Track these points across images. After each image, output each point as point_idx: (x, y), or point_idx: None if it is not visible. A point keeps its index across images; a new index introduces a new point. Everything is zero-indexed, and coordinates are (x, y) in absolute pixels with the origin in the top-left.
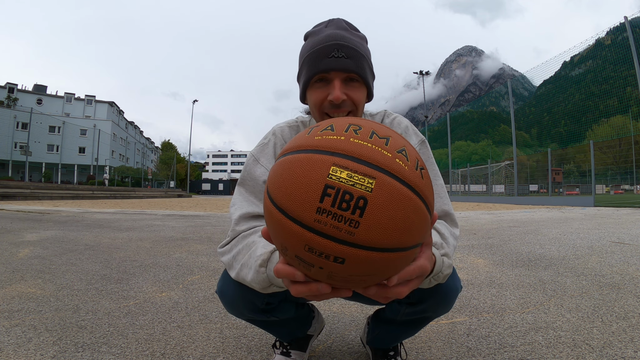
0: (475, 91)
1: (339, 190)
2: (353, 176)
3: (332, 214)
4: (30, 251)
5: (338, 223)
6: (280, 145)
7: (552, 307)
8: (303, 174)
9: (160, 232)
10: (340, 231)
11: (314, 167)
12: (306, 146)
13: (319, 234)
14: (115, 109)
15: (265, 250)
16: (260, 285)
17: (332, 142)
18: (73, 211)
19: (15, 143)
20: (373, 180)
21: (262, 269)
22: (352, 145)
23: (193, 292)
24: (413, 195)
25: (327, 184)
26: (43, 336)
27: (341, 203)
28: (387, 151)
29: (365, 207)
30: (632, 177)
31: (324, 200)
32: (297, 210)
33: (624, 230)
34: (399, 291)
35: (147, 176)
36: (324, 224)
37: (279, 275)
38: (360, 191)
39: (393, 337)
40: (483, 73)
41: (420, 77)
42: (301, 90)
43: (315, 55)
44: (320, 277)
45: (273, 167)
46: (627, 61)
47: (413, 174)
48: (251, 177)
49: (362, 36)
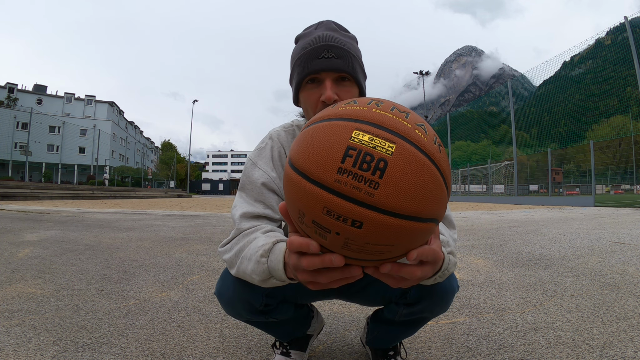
0: (475, 91)
1: (361, 152)
2: (374, 139)
3: (352, 174)
4: (30, 251)
5: (358, 183)
6: (277, 148)
7: (552, 307)
8: (325, 137)
9: (160, 232)
10: (359, 191)
11: (337, 130)
12: (329, 115)
13: (339, 195)
14: (115, 109)
15: (268, 241)
16: (260, 277)
17: (355, 111)
18: (73, 211)
19: (15, 143)
20: (394, 145)
21: (263, 259)
22: (374, 114)
23: (193, 292)
24: (431, 165)
25: (349, 145)
26: (43, 336)
27: (362, 164)
28: (407, 122)
29: (385, 169)
30: (632, 177)
31: (345, 161)
32: (318, 171)
33: (624, 230)
34: (412, 271)
35: (147, 176)
36: (344, 184)
37: (292, 247)
38: (381, 153)
39: (392, 337)
40: (483, 73)
41: (420, 77)
42: (294, 92)
43: (305, 56)
44: (336, 246)
45: (297, 137)
46: (627, 61)
47: (432, 146)
48: (250, 180)
49: (352, 36)
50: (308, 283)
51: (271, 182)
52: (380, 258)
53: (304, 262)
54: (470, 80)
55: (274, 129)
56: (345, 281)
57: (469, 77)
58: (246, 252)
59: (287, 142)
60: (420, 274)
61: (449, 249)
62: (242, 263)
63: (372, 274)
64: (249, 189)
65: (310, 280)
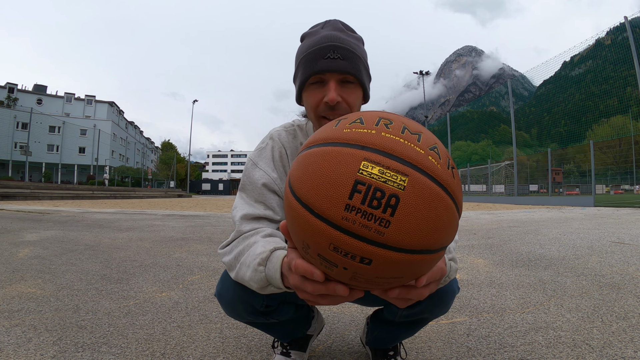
0: (475, 91)
1: (370, 187)
2: (385, 172)
3: (361, 211)
4: (30, 251)
5: (367, 222)
6: (278, 148)
7: (552, 307)
8: (331, 168)
9: (160, 232)
10: (369, 230)
11: (344, 161)
12: (334, 139)
13: (347, 233)
14: (115, 109)
15: (265, 249)
16: (258, 285)
17: (363, 135)
18: (73, 211)
19: (15, 143)
20: (406, 178)
21: (260, 267)
22: (384, 139)
23: (193, 292)
24: (445, 195)
25: (357, 179)
26: (43, 336)
27: (372, 200)
28: (419, 148)
29: (397, 206)
30: (632, 177)
31: (353, 197)
32: (324, 207)
33: (624, 230)
34: (420, 293)
35: (147, 176)
36: (352, 222)
37: (297, 271)
38: (393, 189)
39: (392, 337)
40: (483, 73)
41: (420, 77)
42: (297, 91)
43: (311, 56)
44: (343, 278)
45: (297, 160)
46: (627, 61)
47: (445, 173)
48: (250, 181)
49: (359, 37)
50: (308, 301)
51: (272, 183)
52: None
53: (309, 287)
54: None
55: (275, 128)
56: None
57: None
58: (245, 259)
59: (288, 142)
60: (427, 293)
61: (450, 255)
62: (241, 269)
63: (380, 295)
64: (250, 190)
65: (311, 300)
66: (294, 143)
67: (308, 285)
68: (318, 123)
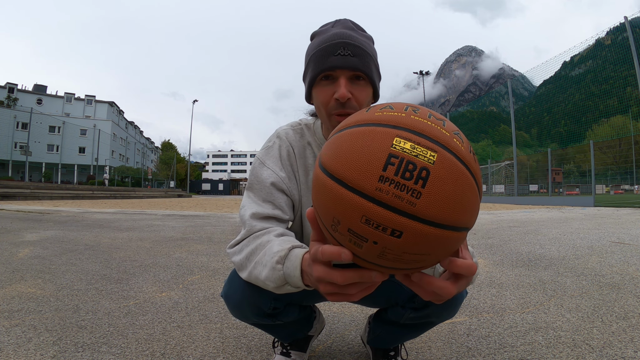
0: (475, 91)
1: (403, 160)
2: (416, 147)
3: (394, 182)
4: (30, 251)
5: (400, 192)
6: (285, 147)
7: (552, 307)
8: (365, 144)
9: (160, 232)
10: (402, 201)
11: (377, 137)
12: (366, 120)
13: (379, 204)
14: (115, 109)
15: (283, 247)
16: (275, 284)
17: (394, 117)
18: (73, 211)
19: (15, 143)
20: (435, 154)
21: (278, 265)
22: (414, 121)
23: (193, 292)
24: (469, 174)
25: (390, 153)
26: (43, 336)
27: (404, 172)
28: (445, 130)
29: (427, 178)
30: (632, 177)
31: (387, 169)
32: (358, 179)
33: (624, 230)
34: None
35: (147, 176)
36: (385, 192)
37: (324, 256)
38: (423, 162)
39: (394, 338)
40: (483, 73)
41: (420, 77)
42: (307, 89)
43: (321, 53)
44: (371, 255)
45: (328, 141)
46: (627, 61)
47: (468, 155)
48: (258, 180)
49: (369, 36)
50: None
51: (280, 182)
52: (413, 267)
53: (338, 277)
54: (470, 80)
55: (282, 127)
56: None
57: (469, 77)
58: (260, 258)
59: (296, 141)
60: (454, 290)
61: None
62: (256, 268)
63: (402, 281)
64: (258, 189)
65: (335, 293)
66: (301, 142)
67: (336, 275)
68: (329, 120)
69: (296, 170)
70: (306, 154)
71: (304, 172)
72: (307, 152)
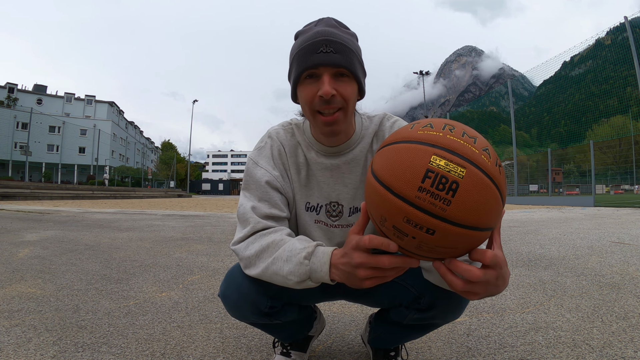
0: (475, 91)
1: (438, 174)
2: (449, 164)
3: (430, 192)
4: (30, 251)
5: (434, 200)
6: (277, 147)
7: (552, 307)
8: (409, 159)
9: (160, 232)
10: (435, 207)
11: (418, 154)
12: (410, 138)
13: (418, 208)
14: (115, 109)
15: (309, 244)
16: (299, 279)
17: (432, 136)
18: (73, 211)
19: (15, 143)
20: (464, 170)
21: (306, 261)
22: (449, 140)
23: (193, 292)
24: (493, 186)
25: (428, 168)
26: (43, 336)
27: (438, 185)
28: (475, 148)
29: (457, 190)
30: (632, 177)
31: (425, 181)
32: (402, 187)
33: (624, 230)
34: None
35: (147, 176)
36: (422, 200)
37: (371, 244)
38: (454, 177)
39: (396, 338)
40: (483, 73)
41: (420, 77)
42: (292, 88)
43: (304, 51)
44: (410, 247)
45: (378, 153)
46: (627, 61)
47: (494, 169)
48: (253, 179)
49: (352, 33)
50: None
51: (274, 181)
52: (445, 256)
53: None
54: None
55: (273, 127)
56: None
57: (469, 77)
58: (280, 254)
59: (287, 140)
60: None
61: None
62: (275, 264)
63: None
64: (254, 188)
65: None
66: (291, 141)
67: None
68: (313, 118)
69: (288, 169)
70: (297, 152)
71: (296, 170)
72: (298, 151)
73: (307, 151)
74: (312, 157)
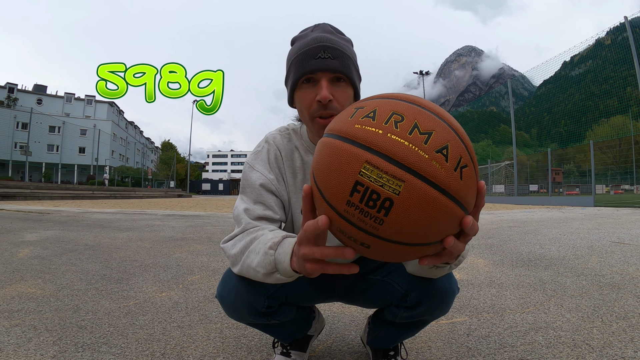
0: (475, 91)
1: (368, 189)
2: (382, 176)
3: (359, 208)
4: (30, 251)
5: (364, 217)
6: (273, 151)
7: (552, 307)
8: (338, 164)
9: (160, 232)
10: (365, 224)
11: (348, 160)
12: (345, 132)
13: (348, 222)
14: (115, 109)
15: (277, 235)
16: (265, 270)
17: (369, 134)
18: (73, 211)
19: (15, 143)
20: (402, 183)
21: (271, 251)
22: (388, 141)
23: (193, 292)
24: (443, 198)
25: (357, 180)
26: (43, 336)
27: (368, 201)
28: (424, 151)
29: (390, 209)
30: (632, 177)
31: (353, 195)
32: (331, 198)
33: (624, 230)
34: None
35: (147, 176)
36: (351, 215)
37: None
38: (388, 193)
39: (393, 338)
40: (483, 73)
41: (420, 77)
42: (289, 93)
43: (302, 57)
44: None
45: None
46: (627, 61)
47: (449, 176)
48: (248, 183)
49: (348, 39)
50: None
51: (269, 184)
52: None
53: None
54: (470, 80)
55: (270, 132)
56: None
57: (469, 77)
58: (254, 246)
59: (283, 145)
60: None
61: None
62: (249, 257)
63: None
64: (249, 192)
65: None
66: (288, 146)
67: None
68: (311, 123)
69: (284, 173)
70: (294, 157)
71: (292, 174)
72: (294, 155)
73: (306, 155)
74: (310, 160)
